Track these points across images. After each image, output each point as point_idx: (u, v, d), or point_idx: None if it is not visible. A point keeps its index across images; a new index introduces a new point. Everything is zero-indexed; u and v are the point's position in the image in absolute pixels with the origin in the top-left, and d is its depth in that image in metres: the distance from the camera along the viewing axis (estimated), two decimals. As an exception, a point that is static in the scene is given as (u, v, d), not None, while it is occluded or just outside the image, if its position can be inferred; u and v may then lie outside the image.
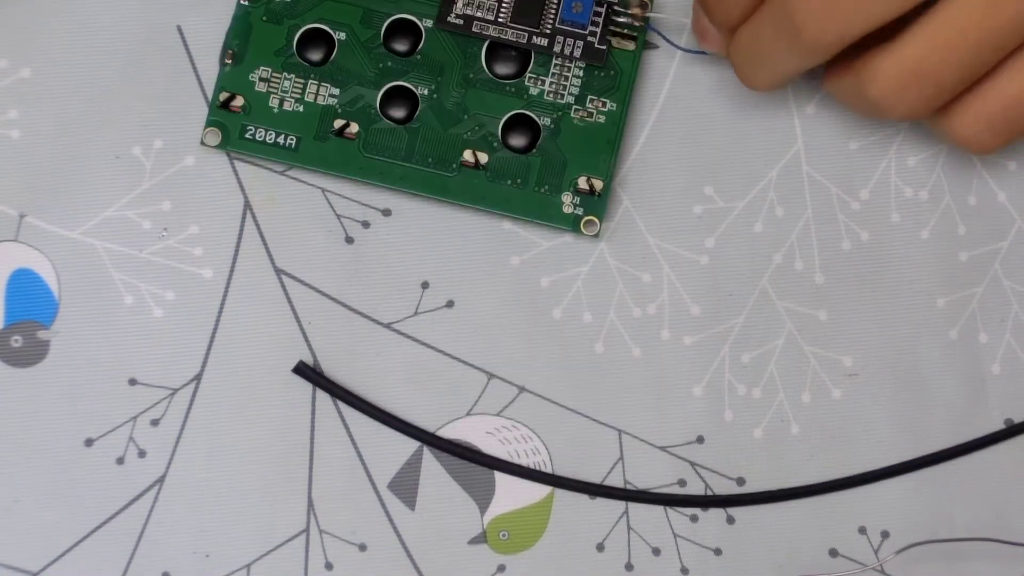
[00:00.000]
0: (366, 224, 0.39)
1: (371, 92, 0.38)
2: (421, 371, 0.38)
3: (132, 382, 0.38)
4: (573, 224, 0.38)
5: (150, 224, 0.38)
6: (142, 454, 0.38)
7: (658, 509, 0.38)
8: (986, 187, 0.39)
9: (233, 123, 0.38)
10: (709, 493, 0.38)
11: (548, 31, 0.38)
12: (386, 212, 0.39)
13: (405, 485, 0.38)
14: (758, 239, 0.39)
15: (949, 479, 0.39)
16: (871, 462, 0.39)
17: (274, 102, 0.38)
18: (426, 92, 0.38)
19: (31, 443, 0.38)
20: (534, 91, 0.38)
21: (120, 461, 0.38)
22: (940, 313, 0.39)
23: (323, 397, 0.38)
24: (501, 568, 0.38)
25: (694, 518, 0.38)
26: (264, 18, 0.38)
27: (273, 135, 0.38)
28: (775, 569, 0.38)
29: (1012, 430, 0.39)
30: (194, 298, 0.38)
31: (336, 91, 0.38)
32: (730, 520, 0.38)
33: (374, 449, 0.38)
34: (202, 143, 0.38)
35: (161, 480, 0.38)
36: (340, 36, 0.38)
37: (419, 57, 0.38)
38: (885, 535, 0.38)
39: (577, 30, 0.38)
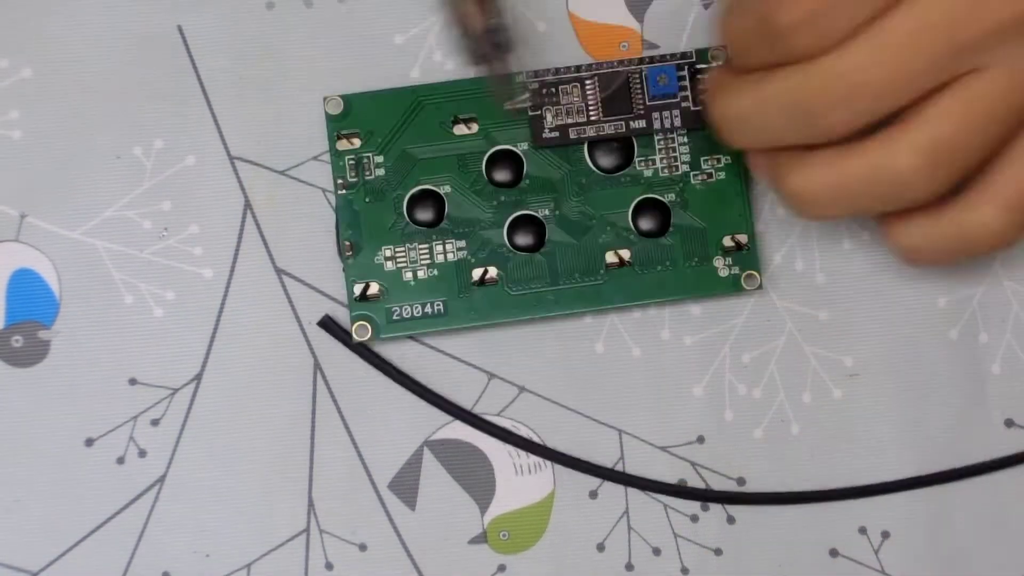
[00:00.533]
0: (366, 224, 0.39)
1: (495, 231, 0.37)
2: (421, 371, 0.38)
3: (132, 382, 0.38)
4: (734, 285, 0.38)
5: (150, 224, 0.38)
6: (142, 454, 0.38)
7: (659, 509, 0.38)
8: (986, 187, 0.39)
9: (377, 311, 0.37)
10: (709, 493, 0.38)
11: (642, 111, 0.37)
12: (386, 212, 0.39)
13: (405, 485, 0.38)
14: (758, 238, 0.39)
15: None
16: (871, 462, 0.38)
17: (408, 276, 0.37)
18: (547, 212, 0.38)
19: (31, 443, 0.38)
20: (648, 173, 0.38)
21: (120, 461, 0.38)
22: (940, 313, 0.39)
23: (323, 397, 0.38)
24: (501, 568, 0.38)
25: (694, 518, 0.38)
26: (367, 199, 0.37)
27: (419, 307, 0.37)
28: (775, 569, 0.38)
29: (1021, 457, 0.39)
30: (194, 298, 0.38)
31: (462, 243, 0.37)
32: (730, 520, 0.38)
33: (374, 449, 0.38)
34: (354, 339, 0.37)
35: (161, 480, 0.38)
36: (445, 190, 0.38)
37: (527, 182, 0.38)
38: (885, 535, 0.38)
39: (669, 100, 0.37)
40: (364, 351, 0.38)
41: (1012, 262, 0.39)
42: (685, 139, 0.38)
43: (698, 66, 0.38)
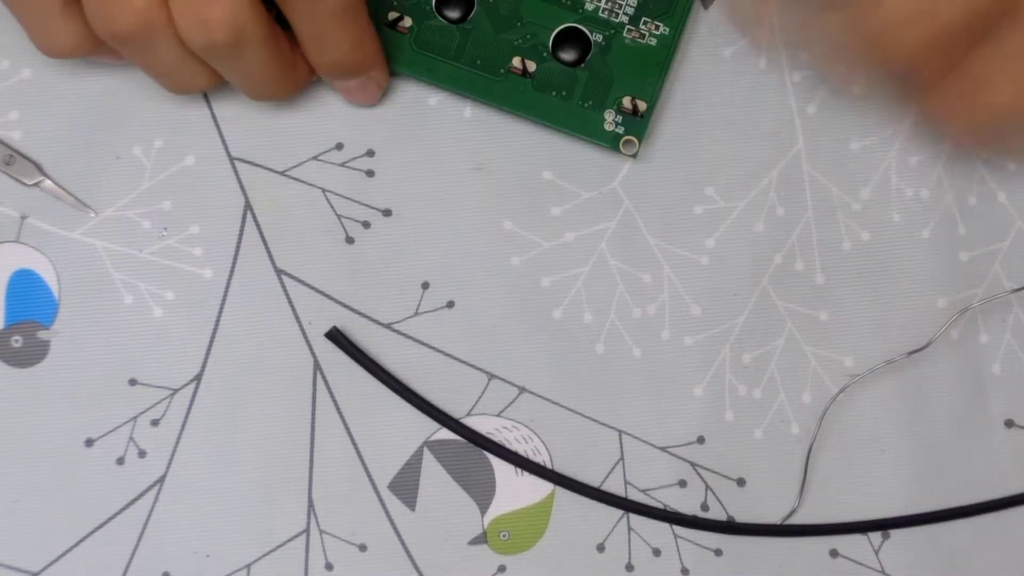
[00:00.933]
0: (366, 224, 0.39)
1: None
2: (421, 371, 0.38)
3: (132, 382, 0.38)
4: (612, 142, 0.38)
5: (150, 224, 0.38)
6: (142, 454, 0.38)
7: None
8: (986, 187, 0.39)
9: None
10: (710, 494, 0.38)
11: None
12: (386, 212, 0.39)
13: (405, 485, 0.38)
14: (759, 239, 0.39)
15: (950, 480, 0.39)
16: (871, 463, 0.38)
17: None
18: None
19: (31, 443, 0.38)
20: (589, 7, 0.38)
21: (120, 461, 0.38)
22: (941, 313, 0.39)
23: (323, 398, 0.38)
24: (501, 569, 0.38)
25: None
26: None
27: None
28: (775, 569, 0.38)
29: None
30: (194, 298, 0.38)
31: None
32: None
33: (374, 449, 0.38)
34: None
35: (161, 480, 0.38)
36: None
37: None
38: (886, 536, 0.38)
39: None
40: (367, 361, 0.38)
41: (1012, 262, 0.39)
42: None
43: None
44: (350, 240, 0.39)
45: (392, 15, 0.38)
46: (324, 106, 0.39)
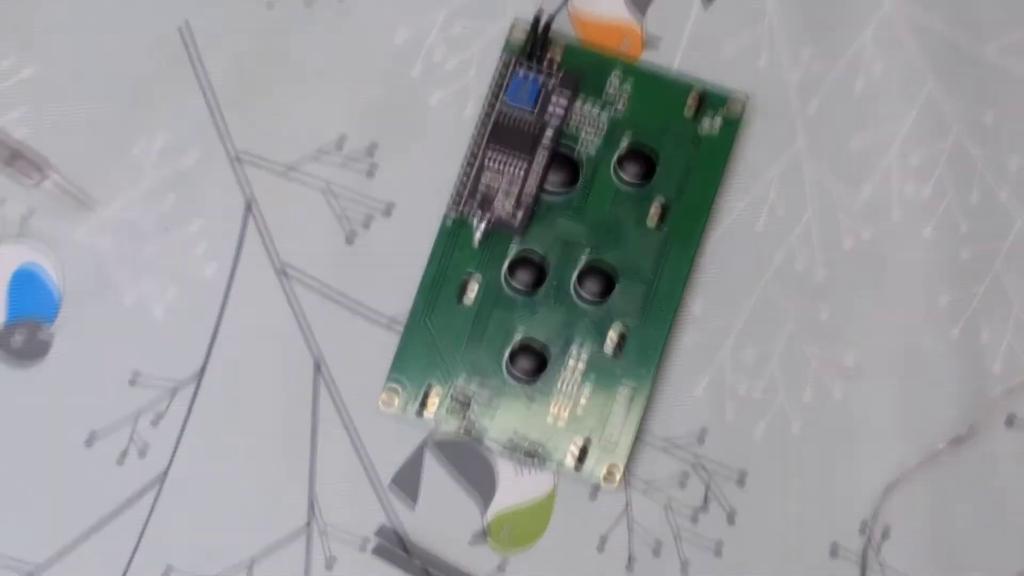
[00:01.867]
0: (367, 223, 0.39)
1: None
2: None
3: (133, 381, 0.38)
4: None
5: (151, 222, 0.38)
6: (143, 453, 0.38)
7: (659, 508, 0.38)
8: (988, 185, 0.39)
9: None
10: (710, 493, 0.38)
11: None
12: (387, 211, 0.39)
13: (406, 483, 0.38)
14: (759, 238, 0.39)
15: (950, 478, 0.39)
16: (872, 462, 0.38)
17: None
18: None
19: (31, 442, 0.38)
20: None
21: (121, 460, 0.38)
22: (941, 312, 0.39)
23: (324, 396, 0.38)
24: (502, 567, 0.38)
25: (695, 517, 0.38)
26: None
27: None
28: (776, 568, 0.38)
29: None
30: (195, 296, 0.38)
31: None
32: (731, 519, 0.38)
33: (375, 447, 0.38)
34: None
35: (162, 479, 0.38)
36: None
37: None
38: (886, 534, 0.38)
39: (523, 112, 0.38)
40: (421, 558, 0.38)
41: (1014, 261, 0.39)
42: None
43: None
44: (350, 239, 0.39)
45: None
46: (325, 104, 0.39)
